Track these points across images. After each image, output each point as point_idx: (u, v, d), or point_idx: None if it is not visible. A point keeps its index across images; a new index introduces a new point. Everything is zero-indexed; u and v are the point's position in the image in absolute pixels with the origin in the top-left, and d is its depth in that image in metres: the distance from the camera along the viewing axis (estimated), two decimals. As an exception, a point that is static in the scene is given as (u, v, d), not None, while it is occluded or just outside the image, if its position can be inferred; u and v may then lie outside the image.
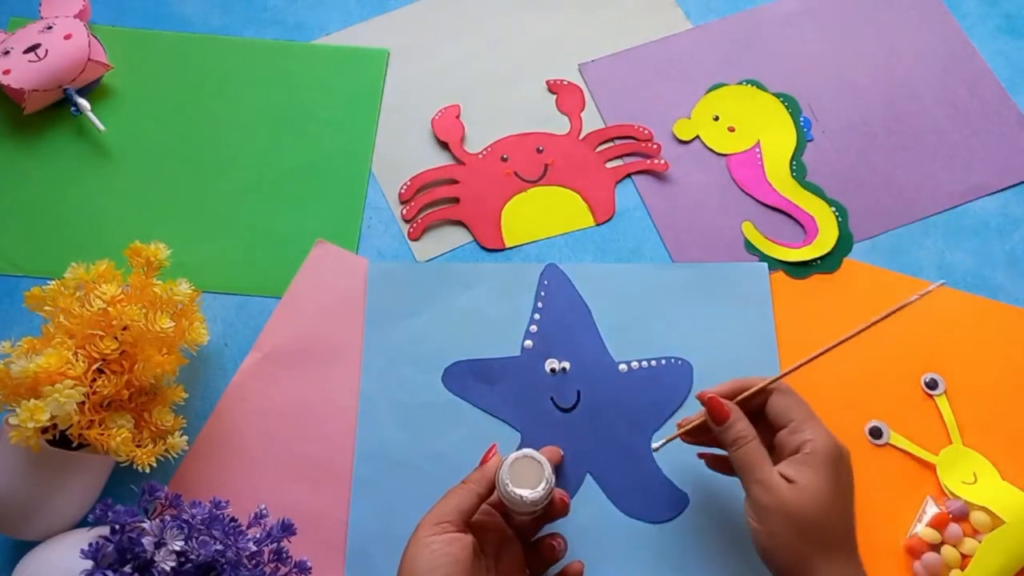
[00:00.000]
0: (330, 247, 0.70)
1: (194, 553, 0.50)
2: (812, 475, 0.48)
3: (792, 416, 0.51)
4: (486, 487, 0.52)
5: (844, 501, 0.49)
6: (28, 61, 0.72)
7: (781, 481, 0.49)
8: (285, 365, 0.65)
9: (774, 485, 0.49)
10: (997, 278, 0.69)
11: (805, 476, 0.49)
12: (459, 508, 0.51)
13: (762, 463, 0.50)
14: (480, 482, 0.52)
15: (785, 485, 0.49)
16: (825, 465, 0.49)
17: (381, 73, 0.78)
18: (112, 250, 0.62)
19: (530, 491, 0.50)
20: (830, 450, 0.49)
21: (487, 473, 0.53)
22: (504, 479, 0.51)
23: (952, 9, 0.81)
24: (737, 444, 0.52)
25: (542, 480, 0.51)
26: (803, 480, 0.48)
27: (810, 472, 0.49)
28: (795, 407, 0.52)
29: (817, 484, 0.48)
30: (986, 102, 0.77)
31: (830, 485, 0.48)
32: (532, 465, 0.51)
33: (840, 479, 0.49)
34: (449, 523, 0.50)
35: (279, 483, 0.61)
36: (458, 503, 0.51)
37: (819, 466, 0.49)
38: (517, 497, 0.50)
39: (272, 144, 0.74)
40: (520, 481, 0.51)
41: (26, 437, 0.52)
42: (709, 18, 0.81)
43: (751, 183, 0.73)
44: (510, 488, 0.50)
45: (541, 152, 0.74)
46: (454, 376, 0.65)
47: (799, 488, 0.48)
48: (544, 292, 0.68)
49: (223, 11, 0.80)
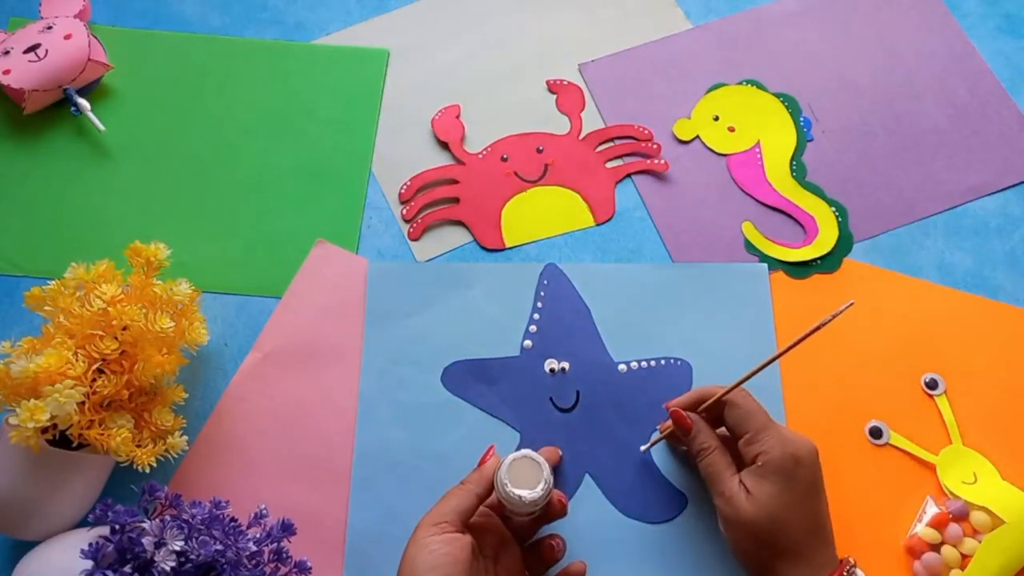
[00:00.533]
0: (330, 247, 0.70)
1: (194, 553, 0.50)
2: (766, 487, 0.50)
3: (746, 427, 0.53)
4: (484, 488, 0.53)
5: (802, 506, 0.51)
6: (28, 61, 0.72)
7: (740, 492, 0.51)
8: (285, 365, 0.65)
9: (733, 497, 0.51)
10: (997, 278, 0.69)
11: (760, 488, 0.51)
12: (458, 509, 0.51)
13: (722, 475, 0.53)
14: (478, 483, 0.53)
15: (743, 497, 0.51)
16: (777, 475, 0.50)
17: (381, 73, 0.78)
18: (112, 250, 0.62)
19: (529, 491, 0.50)
20: (782, 460, 0.51)
21: (485, 474, 0.53)
22: (503, 480, 0.51)
23: (952, 9, 0.81)
24: (701, 455, 0.55)
25: (541, 481, 0.51)
26: (757, 492, 0.51)
27: (764, 484, 0.51)
28: (749, 417, 0.53)
29: (770, 495, 0.50)
30: (986, 102, 0.77)
31: (784, 495, 0.50)
32: (531, 466, 0.51)
33: (795, 486, 0.50)
34: (448, 523, 0.50)
35: (279, 483, 0.61)
36: (456, 504, 0.51)
37: (771, 477, 0.50)
38: (516, 497, 0.50)
39: (272, 144, 0.74)
40: (519, 482, 0.51)
41: (26, 437, 0.52)
42: (709, 18, 0.81)
43: (751, 183, 0.73)
44: (509, 489, 0.50)
45: (541, 152, 0.74)
46: (453, 376, 0.65)
47: (753, 500, 0.50)
48: (544, 292, 0.68)
49: (223, 11, 0.80)
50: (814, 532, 0.51)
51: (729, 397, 0.55)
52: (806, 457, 0.51)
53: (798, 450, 0.51)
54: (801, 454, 0.51)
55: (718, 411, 0.55)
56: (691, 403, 0.57)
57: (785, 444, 0.51)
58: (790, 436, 0.52)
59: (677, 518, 0.60)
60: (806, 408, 0.64)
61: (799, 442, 0.52)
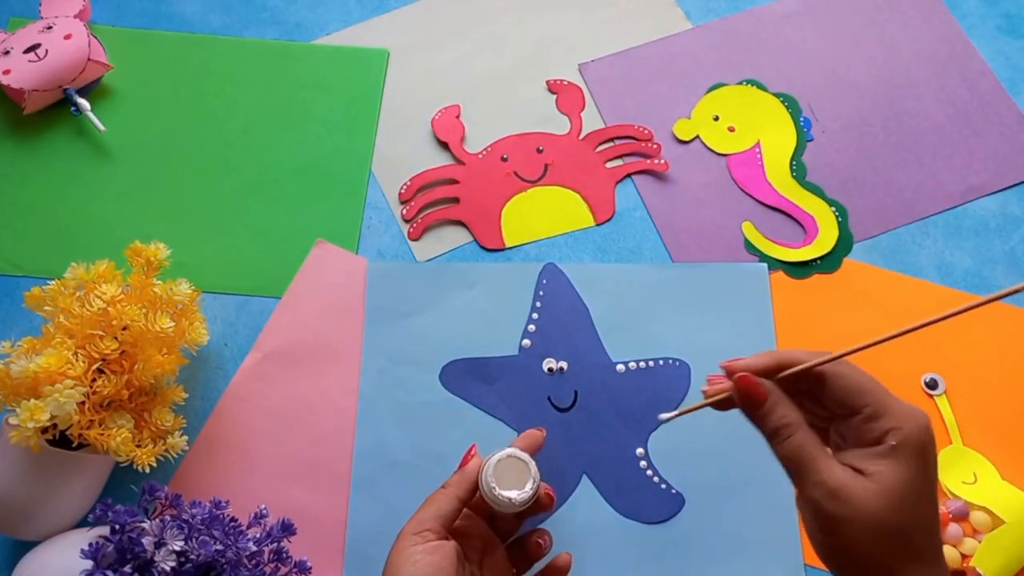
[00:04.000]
0: (330, 247, 0.70)
1: (194, 553, 0.50)
2: (900, 470, 0.38)
3: (864, 399, 0.40)
4: (467, 491, 0.50)
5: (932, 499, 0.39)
6: (28, 61, 0.72)
7: (852, 480, 0.38)
8: (285, 365, 0.65)
9: (843, 487, 0.38)
10: (997, 278, 0.69)
11: (891, 472, 0.38)
12: (439, 515, 0.48)
13: (820, 459, 0.39)
14: (460, 486, 0.50)
15: (859, 486, 0.38)
16: (915, 456, 0.38)
17: (381, 73, 0.78)
18: (112, 250, 0.62)
19: (517, 492, 0.49)
20: (921, 436, 0.39)
21: (467, 476, 0.51)
22: (489, 482, 0.49)
23: (952, 9, 0.81)
24: (781, 435, 0.40)
25: (529, 480, 0.49)
26: (887, 477, 0.38)
27: (897, 467, 0.38)
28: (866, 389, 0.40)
29: (904, 481, 0.38)
30: (986, 102, 0.77)
31: (919, 480, 0.38)
32: (517, 464, 0.50)
33: (930, 469, 0.39)
34: (430, 531, 0.48)
35: (279, 483, 0.61)
36: (438, 509, 0.49)
37: (908, 458, 0.38)
38: (505, 500, 0.49)
39: (272, 144, 0.74)
40: (506, 482, 0.49)
41: (26, 437, 0.52)
42: (709, 18, 0.81)
43: (751, 183, 0.73)
44: (497, 491, 0.49)
45: (541, 152, 0.74)
46: (452, 374, 0.65)
47: (880, 489, 0.38)
48: (543, 292, 0.68)
49: (223, 11, 0.80)
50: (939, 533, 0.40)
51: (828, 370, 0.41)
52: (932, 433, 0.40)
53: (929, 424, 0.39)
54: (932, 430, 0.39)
55: (804, 384, 0.42)
56: (766, 368, 0.42)
57: (917, 417, 0.39)
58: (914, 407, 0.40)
59: (674, 519, 0.60)
60: (806, 408, 0.64)
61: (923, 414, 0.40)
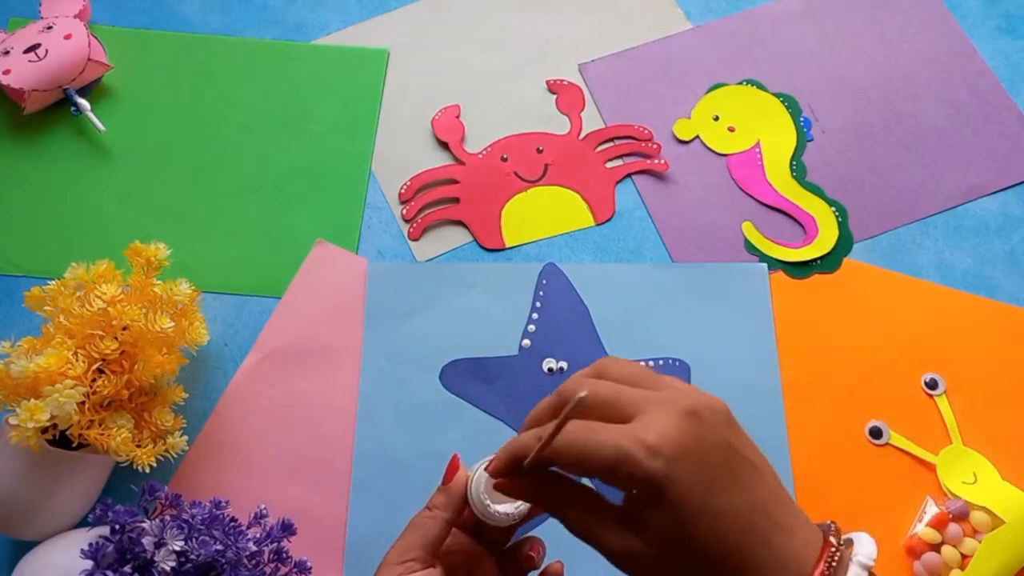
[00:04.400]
0: (330, 247, 0.70)
1: (194, 553, 0.50)
2: (653, 517, 0.35)
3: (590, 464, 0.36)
4: (454, 511, 0.44)
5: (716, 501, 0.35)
6: (28, 61, 0.72)
7: (630, 542, 0.36)
8: (285, 365, 0.65)
9: (624, 551, 0.36)
10: (997, 278, 0.69)
11: (651, 520, 0.35)
12: (424, 541, 0.43)
13: (597, 531, 0.37)
14: (447, 507, 0.44)
15: (637, 544, 0.36)
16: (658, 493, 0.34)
17: (381, 73, 0.78)
18: (112, 250, 0.62)
19: (514, 507, 0.44)
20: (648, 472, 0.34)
21: (454, 495, 0.45)
22: (481, 499, 0.44)
23: (952, 9, 0.81)
24: (556, 516, 0.39)
25: None
26: (652, 526, 0.35)
27: (649, 514, 0.35)
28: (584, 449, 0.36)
29: (663, 520, 0.35)
30: (986, 102, 0.77)
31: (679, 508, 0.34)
32: None
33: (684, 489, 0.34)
34: (414, 560, 0.43)
35: (279, 483, 0.61)
36: (423, 536, 0.44)
37: (653, 499, 0.34)
38: (501, 516, 0.44)
39: (272, 144, 0.74)
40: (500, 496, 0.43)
41: (26, 437, 0.52)
42: (709, 18, 0.81)
43: (751, 183, 0.73)
44: (491, 509, 0.44)
45: (541, 152, 0.74)
46: (452, 374, 0.65)
47: (652, 538, 0.35)
48: (543, 292, 0.68)
49: (223, 11, 0.80)
50: (753, 522, 0.35)
51: (556, 447, 0.36)
52: (679, 438, 0.34)
53: (661, 438, 0.34)
54: (669, 439, 0.34)
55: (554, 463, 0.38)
56: (507, 465, 0.39)
57: (639, 447, 0.34)
58: (643, 428, 0.35)
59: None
60: (806, 408, 0.64)
61: (659, 425, 0.35)
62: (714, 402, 0.37)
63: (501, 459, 0.40)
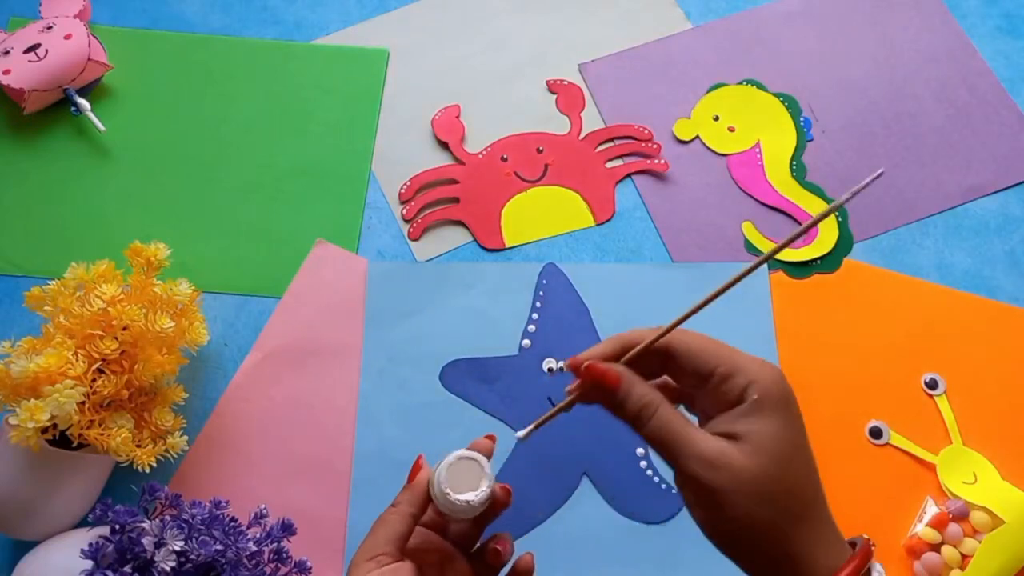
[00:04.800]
0: (330, 247, 0.70)
1: (194, 553, 0.50)
2: (768, 424, 0.36)
3: (713, 363, 0.39)
4: (419, 506, 0.46)
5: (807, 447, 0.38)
6: (28, 61, 0.72)
7: (727, 447, 0.36)
8: (285, 365, 0.65)
9: (720, 455, 0.36)
10: (997, 278, 0.69)
11: (761, 428, 0.36)
12: (392, 536, 0.44)
13: (687, 432, 0.37)
14: (411, 502, 0.46)
15: (735, 450, 0.36)
16: (779, 406, 0.37)
17: (381, 73, 0.78)
18: (112, 250, 0.62)
19: (473, 494, 0.45)
20: (780, 386, 0.38)
21: (417, 490, 0.46)
22: (443, 488, 0.45)
23: (952, 9, 0.81)
24: (643, 416, 0.38)
25: (483, 478, 0.46)
26: (758, 436, 0.36)
27: (764, 421, 0.37)
28: (711, 352, 0.39)
29: (775, 435, 0.36)
30: (986, 102, 0.77)
31: (790, 431, 0.37)
32: (469, 466, 0.46)
33: (798, 420, 0.38)
34: (384, 555, 0.43)
35: (279, 483, 0.61)
36: (390, 531, 0.45)
37: (772, 410, 0.37)
38: (463, 504, 0.45)
39: (272, 144, 0.74)
40: (460, 486, 0.45)
41: (26, 437, 0.52)
42: (709, 18, 0.81)
43: (751, 183, 0.73)
44: (452, 496, 0.45)
45: (541, 152, 0.74)
46: (452, 375, 0.65)
47: (755, 449, 0.36)
48: (543, 292, 0.68)
49: (223, 11, 0.80)
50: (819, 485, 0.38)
51: (670, 341, 0.39)
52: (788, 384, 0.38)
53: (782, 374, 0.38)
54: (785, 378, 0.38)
55: (652, 363, 0.40)
56: (613, 353, 0.40)
57: (769, 368, 0.38)
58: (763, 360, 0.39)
59: (674, 518, 0.60)
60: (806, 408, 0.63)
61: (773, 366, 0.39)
62: None
63: (605, 342, 0.40)
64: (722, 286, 0.40)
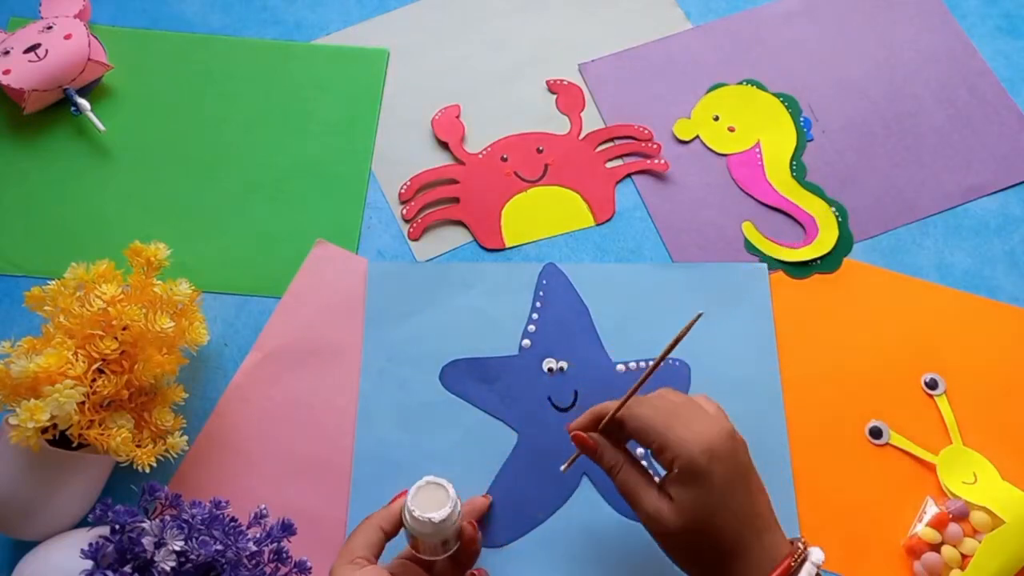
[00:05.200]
0: (330, 247, 0.70)
1: (194, 553, 0.50)
2: (688, 492, 0.46)
3: (650, 437, 0.48)
4: (390, 523, 0.51)
5: (732, 499, 0.47)
6: (28, 61, 0.72)
7: (663, 504, 0.47)
8: (285, 365, 0.65)
9: (656, 512, 0.48)
10: (997, 278, 0.69)
11: (682, 495, 0.47)
12: (366, 544, 0.50)
13: (638, 491, 0.49)
14: (384, 517, 0.52)
15: (666, 509, 0.47)
16: (695, 477, 0.46)
17: (381, 73, 0.78)
18: (112, 250, 0.62)
19: (436, 512, 0.49)
20: (695, 460, 0.46)
21: (392, 509, 0.52)
22: (409, 507, 0.50)
23: (952, 9, 0.81)
24: (612, 472, 0.51)
25: (448, 500, 0.49)
26: (680, 503, 0.47)
27: (685, 489, 0.47)
28: (648, 427, 0.48)
29: (693, 500, 0.46)
30: (986, 102, 0.77)
31: (708, 495, 0.46)
32: (436, 490, 0.50)
33: (716, 482, 0.46)
34: (362, 558, 0.49)
35: (279, 483, 0.61)
36: (364, 540, 0.50)
37: (690, 481, 0.46)
38: (426, 521, 0.49)
39: (272, 144, 0.74)
40: (426, 506, 0.49)
41: (26, 437, 0.52)
42: (709, 18, 0.81)
43: (751, 183, 0.73)
44: (416, 513, 0.49)
45: (541, 152, 0.74)
46: (452, 374, 0.65)
47: (680, 511, 0.47)
48: (543, 292, 0.68)
49: (223, 11, 0.80)
50: (752, 521, 0.47)
51: (622, 413, 0.50)
52: (721, 448, 0.47)
53: (711, 443, 0.46)
54: (715, 446, 0.46)
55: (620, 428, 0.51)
56: (590, 423, 0.53)
57: (695, 441, 0.46)
58: (700, 429, 0.47)
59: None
60: (806, 408, 0.64)
61: (710, 433, 0.47)
62: (738, 433, 0.49)
63: (586, 415, 0.53)
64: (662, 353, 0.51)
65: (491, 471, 0.62)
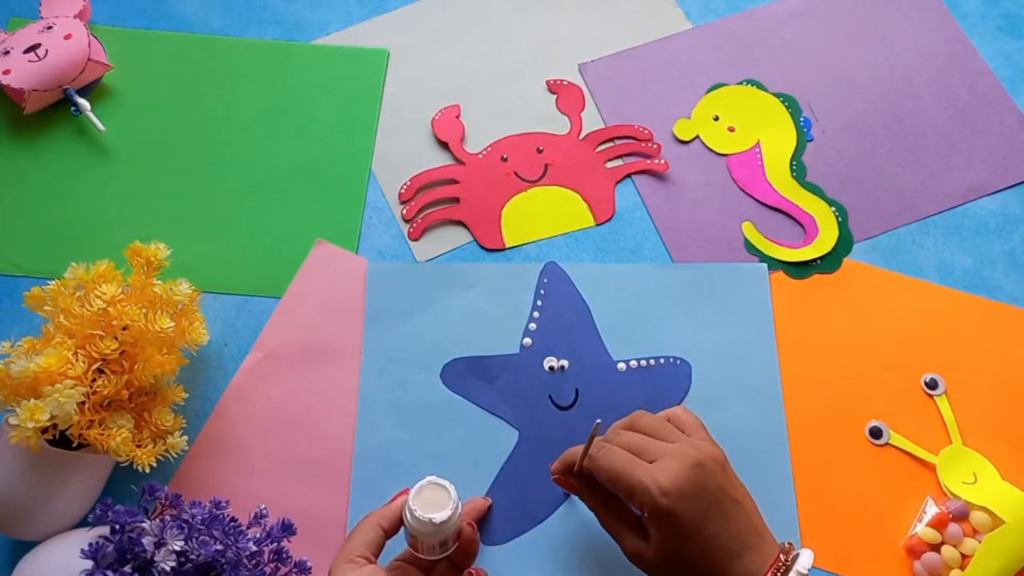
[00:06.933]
0: (330, 247, 0.70)
1: (194, 553, 0.50)
2: (658, 534, 0.48)
3: (617, 485, 0.50)
4: (389, 521, 0.52)
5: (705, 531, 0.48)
6: (28, 61, 0.72)
7: (640, 546, 0.50)
8: (285, 365, 0.65)
9: (635, 550, 0.50)
10: (997, 278, 0.69)
11: (655, 537, 0.49)
12: (365, 543, 0.50)
13: (619, 530, 0.52)
14: (384, 515, 0.52)
15: (644, 549, 0.50)
16: (666, 521, 0.48)
17: (381, 73, 0.78)
18: (112, 250, 0.62)
19: (437, 513, 0.49)
20: (657, 507, 0.48)
21: (392, 507, 0.52)
22: (411, 506, 0.50)
23: (952, 9, 0.81)
24: (595, 513, 0.54)
25: (449, 502, 0.50)
26: (654, 541, 0.49)
27: (656, 532, 0.49)
28: (613, 476, 0.50)
29: (666, 542, 0.48)
30: (986, 102, 0.77)
31: (678, 534, 0.48)
32: (438, 491, 0.50)
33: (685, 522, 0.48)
34: (361, 557, 0.49)
35: (279, 483, 0.61)
36: (363, 538, 0.50)
37: (660, 526, 0.48)
38: (426, 520, 0.49)
39: (272, 144, 0.74)
40: (427, 507, 0.49)
41: (26, 437, 0.52)
42: (709, 18, 0.81)
43: (751, 183, 0.73)
44: (418, 514, 0.49)
45: (541, 152, 0.74)
46: (453, 372, 0.65)
47: (656, 548, 0.49)
48: (544, 290, 0.68)
49: (223, 11, 0.80)
50: (729, 545, 0.48)
51: (588, 464, 0.52)
52: (685, 485, 0.48)
53: (673, 483, 0.48)
54: (678, 486, 0.48)
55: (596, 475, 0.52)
56: (564, 467, 0.55)
57: (655, 485, 0.48)
58: (664, 468, 0.48)
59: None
60: (806, 408, 0.64)
61: (672, 471, 0.48)
62: (715, 452, 0.51)
63: (558, 461, 0.55)
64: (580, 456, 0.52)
65: (492, 470, 0.62)
